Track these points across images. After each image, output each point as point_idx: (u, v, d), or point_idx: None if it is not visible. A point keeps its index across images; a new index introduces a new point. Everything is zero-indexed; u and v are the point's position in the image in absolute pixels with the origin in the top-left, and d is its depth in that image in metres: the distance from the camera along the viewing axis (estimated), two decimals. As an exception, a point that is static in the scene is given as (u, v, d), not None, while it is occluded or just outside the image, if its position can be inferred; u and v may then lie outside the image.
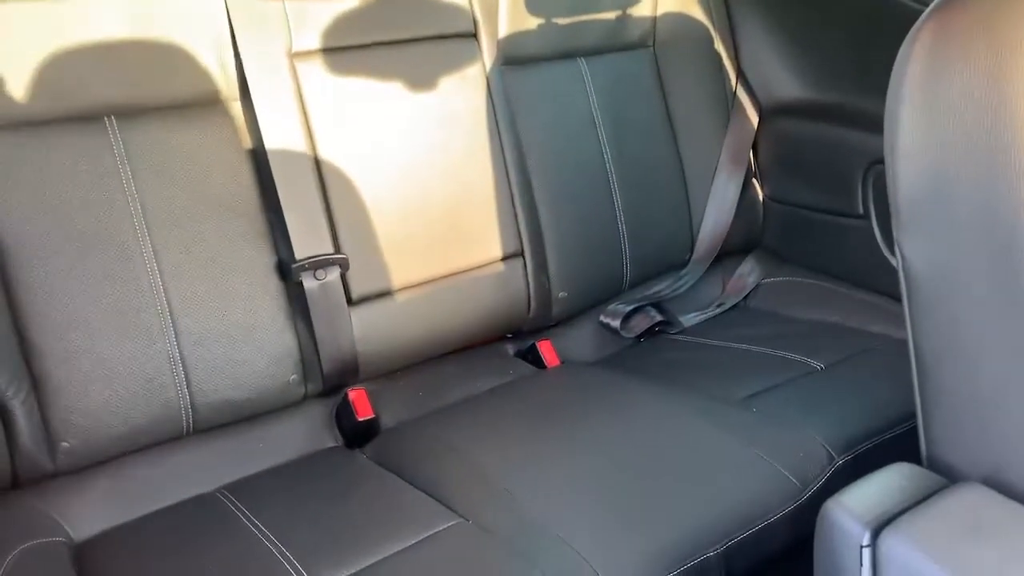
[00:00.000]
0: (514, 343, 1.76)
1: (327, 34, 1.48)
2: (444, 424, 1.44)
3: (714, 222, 1.89)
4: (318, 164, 1.46)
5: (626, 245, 1.79)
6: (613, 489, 1.23)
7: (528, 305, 1.68)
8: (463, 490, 1.26)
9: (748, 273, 1.94)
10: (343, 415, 1.50)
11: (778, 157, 1.92)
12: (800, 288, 1.87)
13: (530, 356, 1.71)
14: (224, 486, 1.34)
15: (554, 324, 1.76)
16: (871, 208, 1.72)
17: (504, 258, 1.65)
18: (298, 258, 1.41)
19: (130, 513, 1.28)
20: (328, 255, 1.44)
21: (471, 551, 1.14)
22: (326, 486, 1.32)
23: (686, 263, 1.90)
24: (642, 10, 1.83)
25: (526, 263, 1.66)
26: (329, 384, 1.49)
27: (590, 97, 1.77)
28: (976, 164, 0.80)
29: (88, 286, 1.26)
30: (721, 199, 1.89)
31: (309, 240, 1.43)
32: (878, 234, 1.71)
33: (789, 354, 1.60)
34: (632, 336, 1.79)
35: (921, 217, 0.87)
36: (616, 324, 1.78)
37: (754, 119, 1.92)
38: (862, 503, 0.87)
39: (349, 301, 1.48)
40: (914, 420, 0.96)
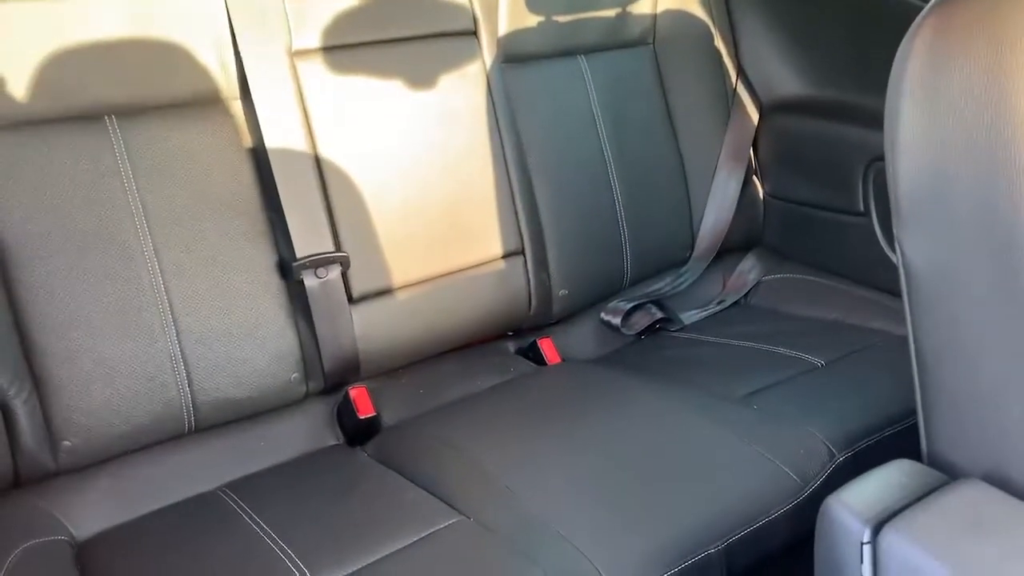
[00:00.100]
0: (515, 341, 1.76)
1: (327, 32, 1.48)
2: (445, 422, 1.44)
3: (714, 219, 1.89)
4: (318, 162, 1.46)
5: (627, 242, 1.79)
6: (614, 486, 1.23)
7: (529, 303, 1.68)
8: (464, 488, 1.26)
9: (748, 270, 1.94)
10: (344, 413, 1.50)
11: (778, 154, 1.92)
12: (800, 285, 1.87)
13: (531, 354, 1.71)
14: (226, 484, 1.34)
15: (555, 322, 1.76)
16: (871, 205, 1.72)
17: (505, 256, 1.65)
18: (299, 256, 1.41)
19: (132, 512, 1.28)
20: (329, 253, 1.44)
21: (472, 549, 1.15)
22: (327, 484, 1.32)
23: (687, 260, 1.90)
24: (642, 7, 1.83)
25: (527, 261, 1.66)
26: (330, 382, 1.49)
27: (590, 95, 1.77)
28: (976, 160, 0.80)
29: (89, 285, 1.26)
30: (721, 196, 1.88)
31: (310, 238, 1.43)
32: (879, 231, 1.70)
33: (789, 351, 1.60)
34: (633, 333, 1.79)
35: (921, 214, 0.87)
36: (617, 321, 1.78)
37: (754, 116, 1.92)
38: (862, 500, 0.87)
39: (350, 299, 1.48)
40: (914, 417, 0.96)
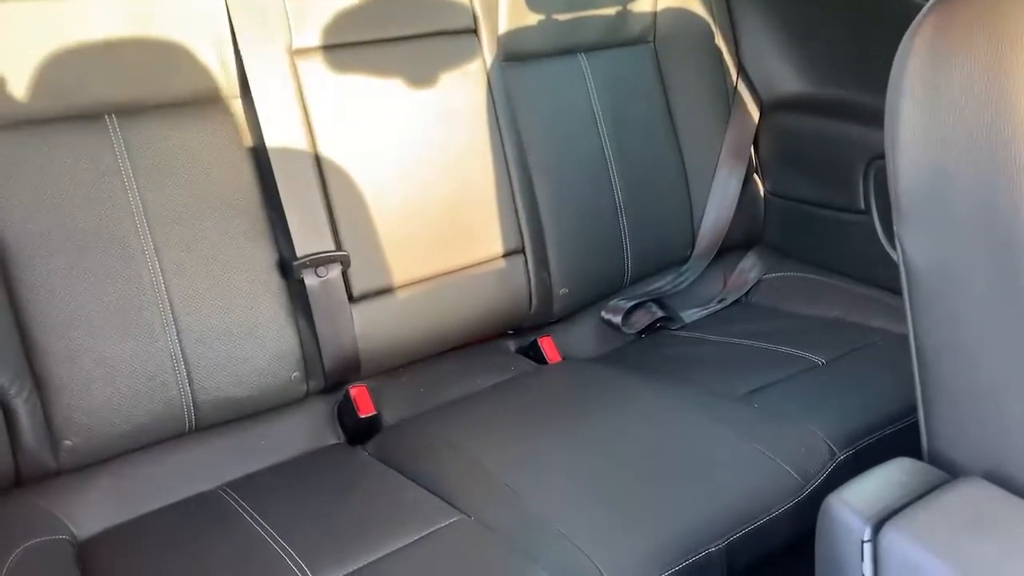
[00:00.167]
0: (515, 339, 1.76)
1: (327, 31, 1.48)
2: (446, 421, 1.44)
3: (715, 218, 1.88)
4: (319, 161, 1.46)
5: (627, 241, 1.79)
6: (615, 485, 1.23)
7: (529, 301, 1.68)
8: (464, 486, 1.26)
9: (749, 269, 1.94)
10: (345, 412, 1.50)
11: (779, 152, 1.92)
12: (801, 283, 1.87)
13: (531, 352, 1.71)
14: (226, 483, 1.34)
15: (555, 320, 1.76)
16: (872, 203, 1.72)
17: (505, 254, 1.65)
18: (299, 255, 1.41)
19: (133, 511, 1.28)
20: (329, 252, 1.44)
21: (473, 547, 1.15)
22: (328, 483, 1.32)
23: (687, 259, 1.89)
24: (642, 5, 1.83)
25: (527, 259, 1.66)
26: (331, 381, 1.49)
27: (591, 93, 1.76)
28: (976, 159, 0.80)
29: (90, 284, 1.26)
30: (722, 195, 1.88)
31: (310, 237, 1.43)
32: (879, 229, 1.70)
33: (790, 350, 1.60)
34: (633, 332, 1.79)
35: (921, 212, 0.87)
36: (617, 320, 1.78)
37: (755, 114, 1.92)
38: (863, 498, 0.87)
39: (350, 298, 1.48)
40: (915, 415, 0.96)
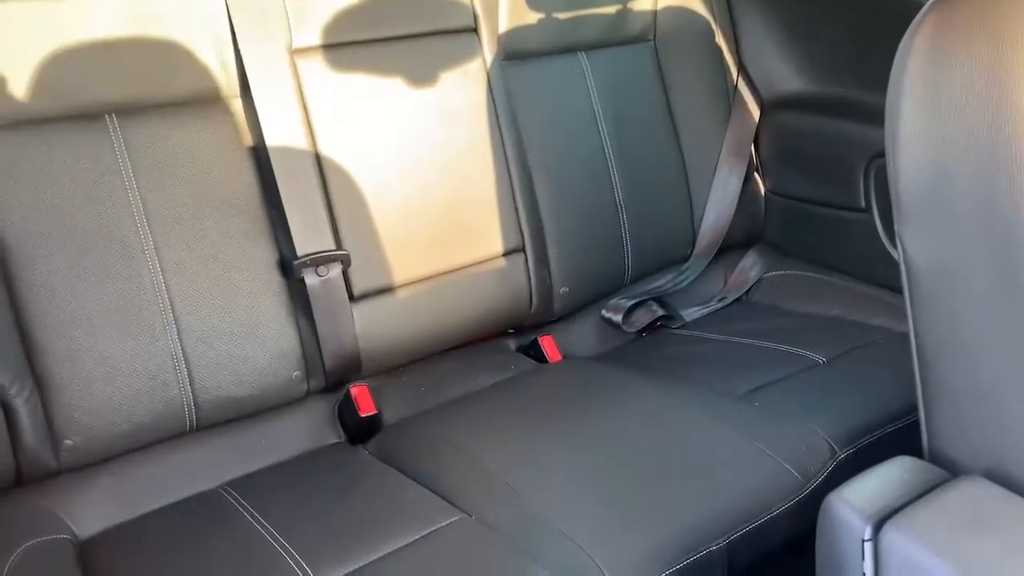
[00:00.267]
0: (516, 338, 1.76)
1: (327, 30, 1.48)
2: (446, 420, 1.44)
3: (715, 216, 1.88)
4: (319, 160, 1.46)
5: (627, 239, 1.79)
6: (615, 484, 1.23)
7: (530, 300, 1.68)
8: (465, 486, 1.26)
9: (750, 267, 1.94)
10: (345, 411, 1.50)
11: (779, 151, 1.92)
12: (802, 282, 1.87)
13: (532, 351, 1.71)
14: (227, 483, 1.34)
15: (556, 319, 1.76)
16: (873, 201, 1.72)
17: (505, 253, 1.65)
18: (300, 255, 1.41)
19: (134, 510, 1.28)
20: (330, 251, 1.44)
21: (474, 547, 1.15)
22: (329, 482, 1.32)
23: (688, 257, 1.89)
24: (643, 4, 1.83)
25: (527, 258, 1.66)
26: (331, 380, 1.49)
27: (591, 91, 1.76)
28: (977, 157, 0.80)
29: (90, 284, 1.26)
30: (722, 193, 1.88)
31: (310, 236, 1.43)
32: (880, 227, 1.70)
33: (791, 348, 1.60)
34: (634, 331, 1.79)
35: (922, 210, 0.87)
36: (618, 319, 1.78)
37: (755, 113, 1.92)
38: (864, 497, 0.87)
39: (351, 297, 1.48)
40: (916, 414, 0.96)
